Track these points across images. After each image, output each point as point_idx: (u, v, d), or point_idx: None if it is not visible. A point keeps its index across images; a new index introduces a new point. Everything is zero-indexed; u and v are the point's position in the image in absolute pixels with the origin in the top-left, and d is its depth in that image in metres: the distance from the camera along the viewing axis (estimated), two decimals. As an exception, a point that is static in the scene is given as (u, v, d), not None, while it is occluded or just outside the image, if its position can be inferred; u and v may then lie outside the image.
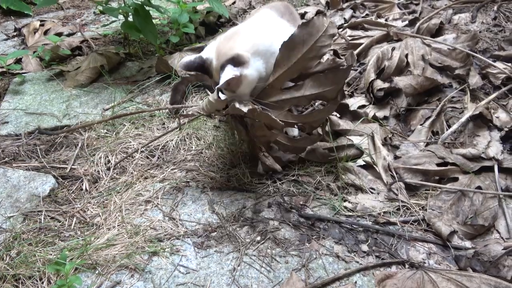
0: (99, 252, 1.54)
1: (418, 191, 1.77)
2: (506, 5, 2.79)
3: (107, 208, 1.76)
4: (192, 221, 1.67)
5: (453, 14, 2.81)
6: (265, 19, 1.91)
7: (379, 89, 2.19)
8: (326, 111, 1.76)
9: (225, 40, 1.72)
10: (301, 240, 1.58)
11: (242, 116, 1.76)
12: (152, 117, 2.32)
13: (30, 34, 3.42)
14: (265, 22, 1.88)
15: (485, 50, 2.46)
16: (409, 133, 2.05)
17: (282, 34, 1.65)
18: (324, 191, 1.79)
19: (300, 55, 1.61)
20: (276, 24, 1.87)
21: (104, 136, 2.18)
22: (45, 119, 2.37)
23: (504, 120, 1.96)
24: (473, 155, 1.81)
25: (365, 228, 1.61)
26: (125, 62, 2.97)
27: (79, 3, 4.41)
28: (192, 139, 2.11)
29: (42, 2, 2.78)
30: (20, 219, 1.73)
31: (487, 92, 2.15)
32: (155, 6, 2.75)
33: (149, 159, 2.03)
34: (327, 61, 1.64)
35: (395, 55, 2.33)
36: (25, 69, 2.98)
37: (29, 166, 2.02)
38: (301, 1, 3.78)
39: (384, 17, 3.02)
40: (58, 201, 1.83)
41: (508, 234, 1.55)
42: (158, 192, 1.82)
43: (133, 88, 2.63)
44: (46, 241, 1.62)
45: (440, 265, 1.47)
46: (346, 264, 1.48)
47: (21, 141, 2.20)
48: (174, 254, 1.54)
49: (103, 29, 3.52)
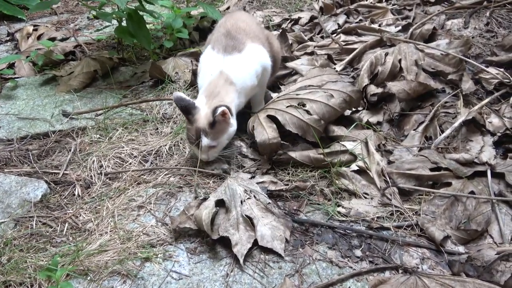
0: (91, 258, 1.53)
1: (412, 196, 1.77)
2: (499, 11, 2.82)
3: (100, 214, 1.75)
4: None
5: (446, 20, 2.83)
6: (218, 66, 2.03)
7: (372, 94, 2.19)
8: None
9: (213, 94, 1.93)
10: (295, 246, 1.57)
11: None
12: (145, 122, 2.31)
13: (23, 39, 3.41)
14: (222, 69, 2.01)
15: (478, 55, 2.48)
16: (403, 138, 2.06)
17: (240, 67, 2.00)
18: (317, 196, 1.79)
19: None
20: (230, 65, 2.02)
21: (97, 141, 2.17)
22: (38, 124, 2.35)
23: (497, 125, 1.97)
24: (466, 160, 1.81)
25: (358, 233, 1.61)
26: (118, 67, 2.96)
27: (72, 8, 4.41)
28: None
29: (35, 6, 2.77)
30: (12, 225, 1.72)
31: (480, 97, 2.16)
32: (149, 11, 2.75)
33: (142, 164, 2.02)
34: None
35: (389, 60, 2.34)
36: (18, 74, 2.97)
37: (21, 172, 2.01)
38: (295, 7, 3.79)
39: (378, 22, 3.04)
40: (50, 207, 1.82)
41: (501, 239, 1.56)
42: (151, 197, 1.81)
43: (126, 93, 2.62)
44: (37, 247, 1.61)
45: (434, 270, 1.46)
46: (339, 269, 1.48)
47: (13, 146, 2.19)
48: (166, 260, 1.53)
49: (96, 34, 3.52)
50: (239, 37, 2.10)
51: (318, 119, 1.91)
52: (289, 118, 1.93)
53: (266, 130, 1.92)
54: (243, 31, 2.14)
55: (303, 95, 2.01)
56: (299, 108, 1.95)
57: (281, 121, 1.93)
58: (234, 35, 2.09)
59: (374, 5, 3.30)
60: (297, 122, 1.92)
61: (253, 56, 2.08)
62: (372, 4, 3.33)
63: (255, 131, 1.93)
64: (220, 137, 1.88)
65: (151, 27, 3.36)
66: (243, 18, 2.26)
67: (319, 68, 2.22)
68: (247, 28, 2.17)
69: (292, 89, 2.11)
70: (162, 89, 2.58)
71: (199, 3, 3.10)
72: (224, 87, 1.96)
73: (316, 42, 2.91)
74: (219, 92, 1.94)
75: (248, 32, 2.15)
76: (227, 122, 1.87)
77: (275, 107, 2.01)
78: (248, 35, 2.13)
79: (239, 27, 2.15)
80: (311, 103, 1.96)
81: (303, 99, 1.99)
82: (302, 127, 1.91)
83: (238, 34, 2.10)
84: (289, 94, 2.06)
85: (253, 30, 2.20)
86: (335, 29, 3.08)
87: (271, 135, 1.90)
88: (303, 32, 3.07)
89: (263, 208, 1.66)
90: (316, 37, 3.04)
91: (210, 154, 1.91)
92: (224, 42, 2.06)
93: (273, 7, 3.84)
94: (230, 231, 1.56)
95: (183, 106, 1.87)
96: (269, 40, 2.32)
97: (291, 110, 1.95)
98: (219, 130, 1.86)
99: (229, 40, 2.07)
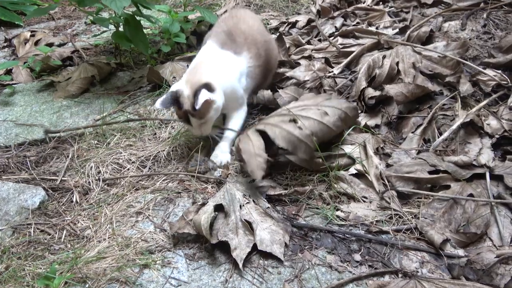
0: (89, 265, 1.52)
1: (410, 199, 1.76)
2: (495, 12, 2.81)
3: (98, 220, 1.74)
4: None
5: (443, 22, 2.82)
6: (210, 55, 2.13)
7: (370, 97, 2.19)
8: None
9: (193, 74, 1.99)
10: (294, 250, 1.56)
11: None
12: (143, 127, 2.31)
13: (20, 45, 3.41)
14: (211, 58, 2.11)
15: (475, 57, 2.47)
16: (401, 141, 2.05)
17: (229, 69, 2.07)
18: (316, 200, 1.79)
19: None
20: (220, 58, 2.10)
21: (94, 147, 2.17)
22: (35, 130, 2.35)
23: (495, 127, 1.97)
24: (464, 163, 1.81)
25: (357, 237, 1.61)
26: (116, 72, 2.96)
27: (70, 13, 4.41)
28: (183, 149, 2.10)
29: (33, 12, 2.77)
30: (9, 233, 1.71)
31: (478, 99, 2.16)
32: (146, 16, 2.75)
33: (140, 170, 2.01)
34: None
35: (386, 63, 2.34)
36: (15, 80, 2.96)
37: (19, 178, 2.00)
38: (292, 10, 3.79)
39: (375, 25, 3.04)
40: (48, 214, 1.81)
41: (501, 242, 1.55)
42: (150, 203, 1.81)
43: (124, 98, 2.62)
44: (35, 255, 1.60)
45: (433, 274, 1.46)
46: (339, 274, 1.47)
47: (10, 153, 2.18)
48: (165, 267, 1.52)
49: (94, 39, 3.51)
50: (239, 40, 2.16)
51: (309, 134, 1.80)
52: (279, 131, 1.82)
53: (253, 143, 1.82)
54: (243, 34, 2.19)
55: (295, 111, 1.91)
56: (290, 122, 1.86)
57: (270, 135, 1.82)
58: (234, 38, 2.17)
59: (371, 7, 3.30)
60: (287, 136, 1.80)
61: (240, 67, 2.14)
62: (369, 7, 3.33)
63: (240, 143, 1.83)
64: (207, 115, 1.92)
65: (149, 32, 3.36)
66: (247, 19, 2.31)
67: (313, 94, 2.16)
68: (247, 31, 2.21)
69: (285, 107, 2.02)
70: (159, 94, 2.58)
71: (196, 8, 3.10)
72: (207, 65, 2.04)
73: (314, 45, 2.90)
74: (199, 70, 2.00)
75: (247, 37, 2.19)
76: (208, 103, 1.87)
77: (265, 122, 1.94)
78: (246, 40, 2.17)
79: (240, 28, 2.21)
80: (303, 120, 1.85)
81: (296, 115, 1.88)
82: (293, 142, 1.79)
83: (238, 37, 2.18)
84: (282, 110, 1.99)
85: (252, 35, 2.22)
86: (332, 32, 3.08)
87: (257, 151, 1.78)
88: (301, 36, 3.07)
89: (262, 212, 1.65)
90: (313, 40, 3.04)
91: (203, 130, 1.98)
92: (224, 38, 2.16)
93: (270, 10, 3.84)
94: (229, 236, 1.56)
95: (170, 104, 1.94)
96: (269, 46, 2.34)
97: (282, 124, 1.85)
98: (203, 110, 1.88)
99: (228, 40, 2.15)
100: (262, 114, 2.35)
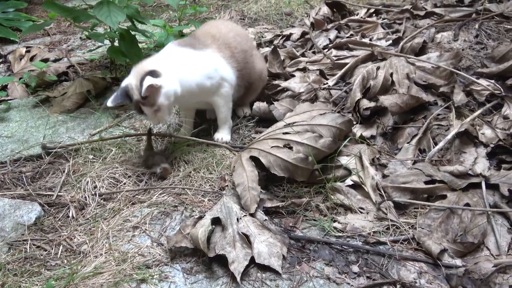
0: (86, 281, 1.51)
1: (407, 210, 1.77)
2: (487, 23, 2.84)
3: (94, 235, 1.73)
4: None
5: (436, 33, 2.85)
6: (164, 51, 2.13)
7: (365, 108, 2.20)
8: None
9: (140, 67, 1.99)
10: (292, 263, 1.56)
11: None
12: (139, 141, 2.31)
13: (16, 61, 3.41)
14: (164, 53, 2.11)
15: (469, 67, 2.49)
16: (396, 151, 2.06)
17: (187, 61, 2.05)
18: (313, 212, 1.79)
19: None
20: (175, 53, 2.09)
21: (90, 162, 2.16)
22: (31, 146, 2.34)
23: (490, 137, 1.98)
24: (460, 172, 1.82)
25: (355, 248, 1.60)
26: (111, 87, 2.96)
27: (65, 28, 4.42)
28: (179, 163, 2.10)
29: (28, 28, 2.78)
30: (5, 249, 1.70)
31: (472, 109, 2.17)
32: (141, 31, 2.77)
33: (136, 184, 2.01)
34: None
35: (380, 74, 2.35)
36: (10, 96, 2.96)
37: (15, 194, 1.99)
38: (286, 23, 3.82)
39: (368, 37, 3.06)
40: (44, 229, 1.80)
41: (498, 251, 1.55)
42: (146, 217, 1.80)
43: (120, 113, 2.62)
44: (31, 271, 1.59)
45: (432, 284, 1.46)
46: (337, 286, 1.47)
47: (6, 169, 2.17)
48: (162, 281, 1.51)
49: (89, 54, 3.52)
50: (203, 40, 2.17)
51: (305, 158, 1.81)
52: (273, 160, 1.84)
53: (247, 173, 1.83)
54: (211, 36, 2.19)
55: (289, 136, 1.92)
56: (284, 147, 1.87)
57: (265, 164, 1.85)
58: (199, 38, 2.18)
59: (365, 19, 3.33)
60: (282, 164, 1.83)
61: (209, 60, 2.12)
62: (362, 19, 3.36)
63: (234, 173, 1.86)
64: (156, 100, 1.91)
65: (144, 46, 3.37)
66: (220, 26, 2.30)
67: (308, 103, 2.17)
68: (217, 35, 2.20)
69: (279, 125, 2.03)
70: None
71: (190, 21, 3.13)
72: (155, 58, 2.06)
73: (308, 57, 2.92)
74: (145, 63, 2.01)
75: (217, 38, 2.19)
76: (155, 88, 1.87)
77: (259, 147, 1.92)
78: (216, 41, 2.18)
79: (209, 32, 2.22)
80: (298, 146, 1.86)
81: (289, 140, 1.90)
82: (289, 169, 1.82)
83: (204, 38, 2.18)
84: (275, 132, 1.99)
85: (225, 40, 2.21)
86: (326, 44, 3.10)
87: (251, 183, 1.78)
88: (295, 48, 3.09)
89: (260, 225, 1.65)
90: (308, 52, 3.06)
91: (160, 117, 1.98)
92: (187, 40, 2.19)
93: (264, 23, 3.87)
94: (227, 249, 1.55)
95: (121, 100, 1.94)
96: (249, 59, 2.32)
97: (275, 151, 1.86)
98: (152, 96, 1.89)
99: (191, 40, 2.18)
100: (258, 126, 2.36)
